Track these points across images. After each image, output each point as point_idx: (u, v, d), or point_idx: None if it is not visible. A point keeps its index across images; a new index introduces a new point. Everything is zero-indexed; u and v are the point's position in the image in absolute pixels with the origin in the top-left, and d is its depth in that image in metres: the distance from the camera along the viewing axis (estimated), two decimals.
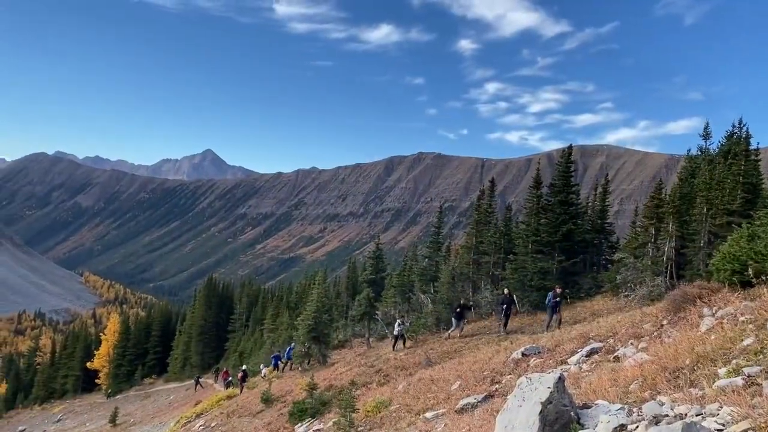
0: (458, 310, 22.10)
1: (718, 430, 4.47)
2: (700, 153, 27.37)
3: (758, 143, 22.19)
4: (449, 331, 22.61)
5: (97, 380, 75.20)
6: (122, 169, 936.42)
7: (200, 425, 24.24)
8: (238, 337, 67.35)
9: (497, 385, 11.16)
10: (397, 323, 23.98)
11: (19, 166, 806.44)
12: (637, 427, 4.86)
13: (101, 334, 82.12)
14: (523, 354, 13.01)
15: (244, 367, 38.31)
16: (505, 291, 21.56)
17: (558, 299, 18.56)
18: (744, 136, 24.74)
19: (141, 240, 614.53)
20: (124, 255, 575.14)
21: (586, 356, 10.92)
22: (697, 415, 4.89)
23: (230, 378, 39.69)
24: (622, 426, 4.98)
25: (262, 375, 35.67)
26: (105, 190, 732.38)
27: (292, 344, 33.58)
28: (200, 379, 48.56)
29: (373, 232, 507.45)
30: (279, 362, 34.86)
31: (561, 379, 5.70)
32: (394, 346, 23.86)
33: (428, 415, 10.49)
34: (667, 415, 5.00)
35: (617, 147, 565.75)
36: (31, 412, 71.12)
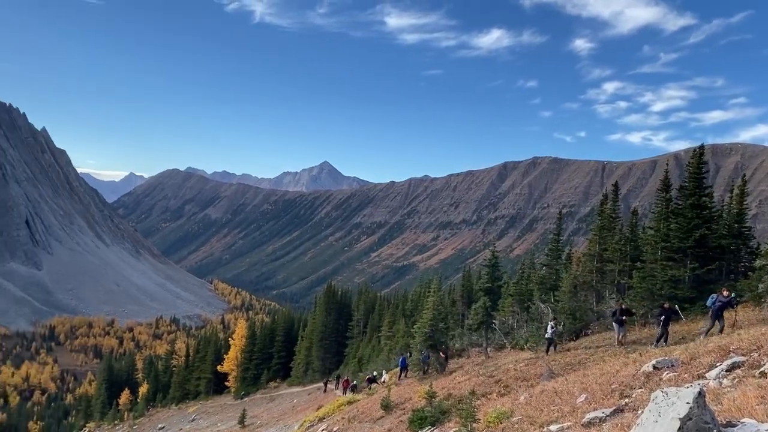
0: (618, 315, 20.39)
1: None
2: None
3: None
4: (616, 339, 21.04)
5: (226, 383, 79.41)
6: (247, 183, 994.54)
7: (322, 429, 24.96)
8: (356, 343, 68.76)
9: (627, 399, 10.62)
10: (548, 326, 23.15)
11: (156, 182, 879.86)
12: None
13: (230, 338, 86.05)
14: (654, 367, 12.28)
15: (374, 373, 39.05)
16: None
17: (724, 303, 16.82)
18: None
19: (265, 249, 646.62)
20: (250, 263, 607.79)
21: (727, 371, 10.13)
22: None
23: (354, 382, 40.52)
24: None
25: (382, 381, 36.19)
26: (232, 203, 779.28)
27: (409, 352, 33.82)
28: (328, 382, 49.91)
29: (487, 239, 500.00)
30: (406, 363, 34.06)
31: (701, 394, 5.34)
32: (547, 351, 23.04)
33: (552, 428, 10.18)
34: None
35: (753, 145, 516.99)
36: (168, 411, 76.12)
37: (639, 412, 9.25)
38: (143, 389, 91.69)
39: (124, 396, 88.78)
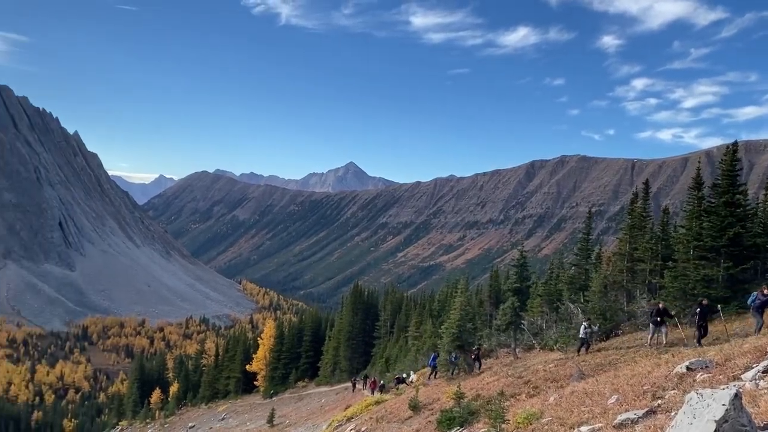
0: (655, 315, 19.84)
1: None
2: None
3: None
4: (648, 339, 20.69)
5: (255, 382, 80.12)
6: (274, 184, 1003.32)
7: (351, 429, 25.05)
8: (383, 343, 68.81)
9: (659, 401, 10.45)
10: (582, 327, 22.87)
11: (185, 184, 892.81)
12: None
13: (258, 338, 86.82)
14: (687, 368, 12.06)
15: (404, 375, 39.08)
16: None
17: (764, 302, 16.39)
18: None
19: (292, 249, 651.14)
20: (277, 264, 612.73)
21: (763, 372, 9.90)
22: None
23: (382, 382, 40.56)
24: None
25: (409, 381, 36.16)
26: (259, 204, 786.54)
27: (437, 352, 33.69)
28: (356, 382, 50.04)
29: (515, 239, 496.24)
30: (436, 362, 33.16)
31: (738, 396, 5.24)
32: (578, 351, 22.77)
33: (583, 429, 10.07)
34: None
35: None
36: (198, 410, 77.04)
37: (672, 414, 9.11)
38: (174, 388, 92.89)
39: (156, 395, 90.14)
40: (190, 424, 62.38)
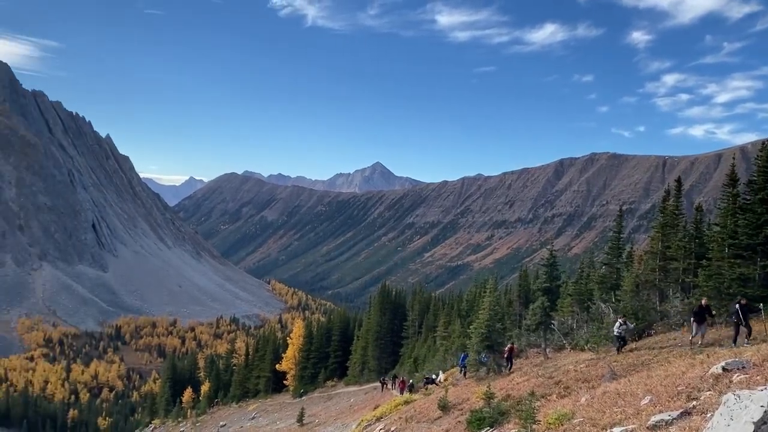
0: (698, 312, 19.22)
1: None
2: None
3: None
4: (691, 337, 20.21)
5: (285, 381, 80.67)
6: (301, 185, 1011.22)
7: (380, 428, 25.09)
8: (411, 343, 68.71)
9: (694, 402, 10.27)
10: (617, 324, 22.57)
11: (215, 185, 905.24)
12: None
13: (287, 338, 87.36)
14: (724, 369, 11.82)
15: (433, 376, 39.05)
16: (703, 301, 19.43)
17: None
18: None
19: (319, 250, 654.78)
20: (305, 264, 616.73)
21: None
22: None
23: (411, 382, 40.55)
24: None
25: (438, 381, 36.10)
26: (287, 205, 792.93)
27: (466, 352, 33.54)
28: (385, 381, 50.04)
29: (544, 238, 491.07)
30: (465, 362, 32.75)
31: None
32: (618, 350, 22.47)
33: (616, 430, 9.95)
34: None
35: None
36: (229, 409, 77.80)
37: (708, 415, 8.95)
38: (205, 387, 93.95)
39: (187, 394, 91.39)
40: (221, 423, 63.08)
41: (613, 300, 29.01)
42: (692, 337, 19.27)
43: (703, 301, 19.39)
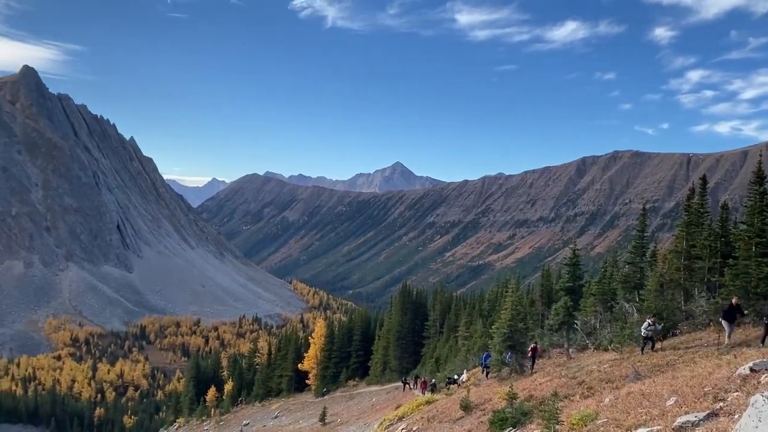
0: (729, 311, 18.84)
1: None
2: None
3: None
4: (727, 338, 19.64)
5: (307, 381, 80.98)
6: (322, 185, 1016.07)
7: (402, 428, 25.10)
8: (433, 343, 68.57)
9: (721, 403, 10.14)
10: (645, 324, 22.33)
11: (237, 186, 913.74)
12: None
13: (309, 337, 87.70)
14: (751, 369, 11.63)
15: (455, 376, 39.01)
16: (733, 300, 19.07)
17: None
18: None
19: (340, 250, 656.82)
20: (326, 264, 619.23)
21: None
22: None
23: (434, 381, 40.51)
24: None
25: (460, 381, 36.01)
26: (308, 205, 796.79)
27: (488, 352, 33.37)
28: (407, 381, 49.98)
29: (566, 237, 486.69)
30: (488, 361, 31.97)
31: None
32: (642, 350, 22.27)
33: (641, 431, 9.87)
34: None
35: None
36: (252, 408, 78.23)
37: (736, 416, 8.82)
38: (228, 386, 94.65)
39: (211, 393, 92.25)
40: (244, 422, 63.46)
41: (637, 299, 28.64)
42: (728, 337, 18.87)
43: (733, 300, 19.01)
